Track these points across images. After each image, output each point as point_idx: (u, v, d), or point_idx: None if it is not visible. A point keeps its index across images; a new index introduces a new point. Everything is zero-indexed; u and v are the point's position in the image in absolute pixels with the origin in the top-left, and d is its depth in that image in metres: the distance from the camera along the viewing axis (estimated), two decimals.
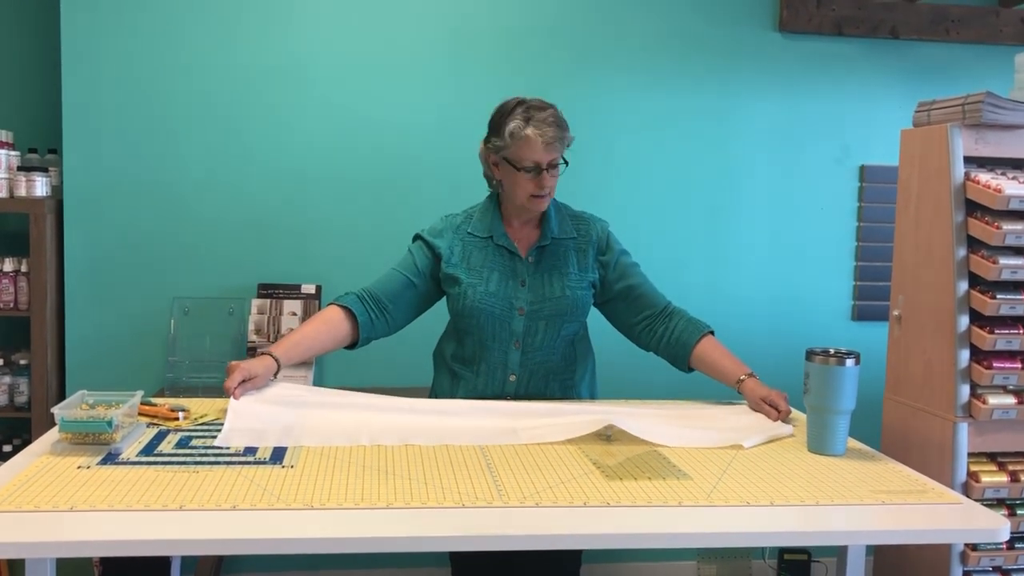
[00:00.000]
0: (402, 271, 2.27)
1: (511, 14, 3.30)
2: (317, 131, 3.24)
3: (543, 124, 2.12)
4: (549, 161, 2.15)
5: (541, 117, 2.13)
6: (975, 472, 2.22)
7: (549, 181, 2.16)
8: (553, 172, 2.17)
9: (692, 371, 2.28)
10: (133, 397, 1.80)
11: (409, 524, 1.41)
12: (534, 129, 2.12)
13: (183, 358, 3.15)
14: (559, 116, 2.16)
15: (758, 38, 3.43)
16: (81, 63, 3.11)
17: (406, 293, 2.26)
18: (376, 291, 2.24)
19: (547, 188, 2.17)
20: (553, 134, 2.12)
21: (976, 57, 3.54)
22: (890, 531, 1.56)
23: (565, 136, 2.16)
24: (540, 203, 2.20)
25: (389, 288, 2.25)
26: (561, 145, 2.15)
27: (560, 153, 2.16)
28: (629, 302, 2.31)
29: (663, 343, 2.28)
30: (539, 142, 2.12)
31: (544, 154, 2.13)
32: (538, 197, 2.18)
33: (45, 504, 1.40)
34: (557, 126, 2.13)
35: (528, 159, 2.14)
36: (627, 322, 2.33)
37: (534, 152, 2.13)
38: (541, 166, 2.14)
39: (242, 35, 3.18)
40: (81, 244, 3.15)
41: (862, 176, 3.53)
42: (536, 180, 2.15)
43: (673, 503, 1.53)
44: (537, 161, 2.14)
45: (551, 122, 2.13)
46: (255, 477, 1.56)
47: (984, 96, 2.18)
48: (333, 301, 2.22)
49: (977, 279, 2.22)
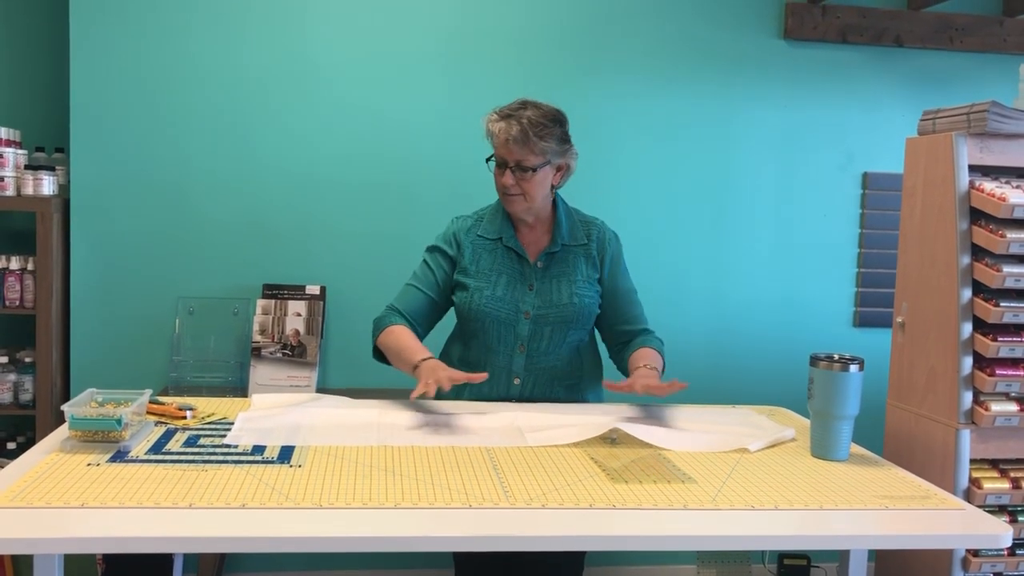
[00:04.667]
0: (426, 290, 2.28)
1: (517, 19, 3.31)
2: (323, 133, 3.25)
3: (512, 122, 2.14)
4: (516, 161, 2.15)
5: (518, 116, 2.14)
6: (977, 479, 2.23)
7: (510, 179, 2.16)
8: (522, 175, 2.15)
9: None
10: (142, 396, 1.81)
11: (417, 524, 1.42)
12: (502, 124, 2.15)
13: (187, 358, 3.16)
14: (539, 122, 2.14)
15: (763, 45, 3.44)
16: (89, 62, 3.12)
17: (432, 313, 2.30)
18: (408, 312, 2.26)
19: (510, 187, 2.17)
20: (516, 134, 2.12)
21: (980, 66, 3.56)
22: (892, 536, 1.57)
23: (535, 142, 2.12)
24: (508, 202, 2.21)
25: (416, 308, 2.27)
26: (524, 148, 2.13)
27: (528, 157, 2.14)
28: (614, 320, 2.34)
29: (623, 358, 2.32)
30: (500, 138, 2.15)
31: (505, 150, 2.15)
32: (507, 195, 2.19)
33: (56, 501, 1.41)
34: (526, 129, 2.12)
35: (496, 154, 2.18)
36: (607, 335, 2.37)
37: (497, 148, 2.17)
38: (506, 162, 2.16)
39: (249, 37, 3.19)
40: (87, 243, 3.16)
41: (865, 183, 3.54)
42: (502, 177, 2.18)
43: (678, 506, 1.54)
44: (501, 157, 2.17)
45: (522, 123, 2.12)
46: (264, 476, 1.57)
47: (989, 105, 2.20)
48: (386, 323, 2.23)
49: (981, 287, 2.23)
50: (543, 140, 2.14)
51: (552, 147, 2.16)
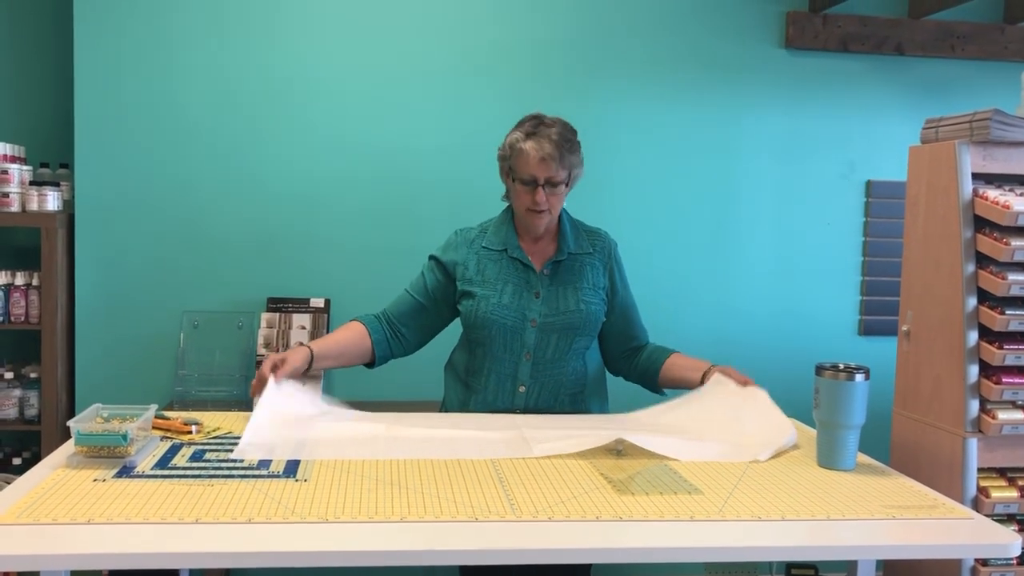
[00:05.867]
0: (414, 294, 2.31)
1: (519, 32, 3.32)
2: (326, 146, 3.26)
3: (542, 139, 2.14)
4: (547, 178, 2.15)
5: (545, 133, 2.15)
6: (985, 487, 2.22)
7: (543, 197, 2.16)
8: (552, 190, 2.17)
9: (663, 392, 2.33)
10: (147, 411, 1.81)
11: (423, 538, 1.42)
12: (532, 143, 2.14)
13: (192, 372, 3.16)
14: (566, 136, 2.16)
15: (764, 55, 3.45)
16: (93, 78, 3.14)
17: (419, 317, 2.30)
18: (391, 314, 2.30)
19: (541, 204, 2.17)
20: (550, 151, 2.12)
21: (981, 74, 3.56)
22: (900, 546, 1.56)
23: (566, 157, 2.14)
24: (536, 219, 2.21)
25: (402, 311, 2.30)
26: (559, 165, 2.14)
27: (559, 172, 2.15)
28: (622, 330, 2.36)
29: (634, 367, 2.35)
30: (535, 156, 2.14)
31: (538, 169, 2.15)
32: (534, 212, 2.19)
33: (63, 517, 1.41)
34: (558, 145, 2.13)
35: (525, 172, 2.16)
36: (612, 347, 2.37)
37: (529, 166, 2.15)
38: (537, 181, 2.16)
39: (253, 53, 3.21)
40: (92, 258, 3.17)
41: (868, 191, 3.54)
42: (531, 194, 2.17)
43: (685, 517, 1.53)
44: (533, 175, 2.16)
45: (553, 139, 2.13)
46: (269, 490, 1.57)
47: (991, 113, 2.20)
48: (355, 318, 2.27)
49: (986, 295, 2.23)
50: (572, 154, 2.17)
51: (577, 160, 2.20)
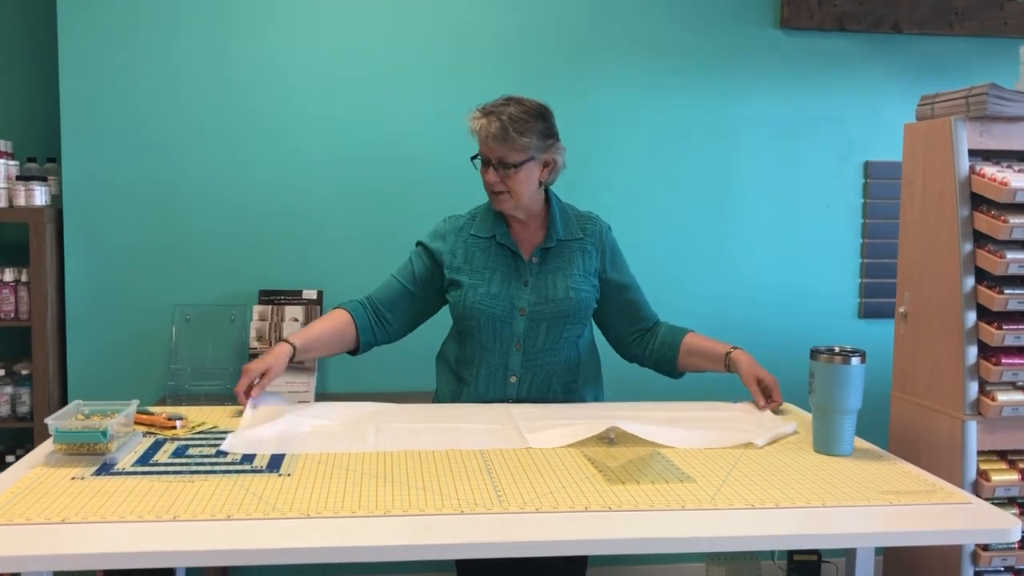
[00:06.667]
0: (400, 279, 2.27)
1: (510, 16, 3.27)
2: (315, 137, 3.22)
3: (492, 118, 2.11)
4: (497, 158, 2.12)
5: (496, 112, 2.12)
6: (985, 471, 2.19)
7: (493, 177, 2.14)
8: (504, 172, 2.13)
9: (681, 375, 2.28)
10: (129, 406, 1.77)
11: (407, 532, 1.38)
12: (484, 122, 2.13)
13: (185, 366, 3.13)
14: (519, 117, 2.11)
15: (759, 36, 3.40)
16: (79, 72, 3.10)
17: (404, 302, 2.26)
18: (376, 299, 2.26)
19: (493, 185, 2.15)
20: (495, 131, 2.09)
21: (980, 50, 3.51)
22: (898, 532, 1.52)
23: (515, 139, 2.09)
24: (495, 200, 2.18)
25: (387, 297, 2.26)
26: (504, 145, 2.10)
27: (508, 154, 2.11)
28: (627, 313, 2.31)
29: (648, 351, 2.30)
30: (481, 135, 2.13)
31: (486, 148, 2.14)
32: (493, 194, 2.17)
33: (37, 516, 1.38)
34: (506, 126, 2.09)
35: (480, 151, 2.16)
36: (620, 331, 2.33)
37: (480, 145, 2.16)
38: (489, 160, 2.14)
39: (240, 43, 3.17)
40: (81, 253, 3.14)
41: (867, 172, 3.50)
42: (486, 174, 2.16)
43: (676, 507, 1.50)
44: (483, 155, 2.15)
45: (503, 119, 2.10)
46: (251, 486, 1.54)
47: (988, 88, 2.15)
48: (338, 305, 2.23)
49: (984, 274, 2.19)
50: (523, 136, 2.10)
51: (534, 143, 2.12)
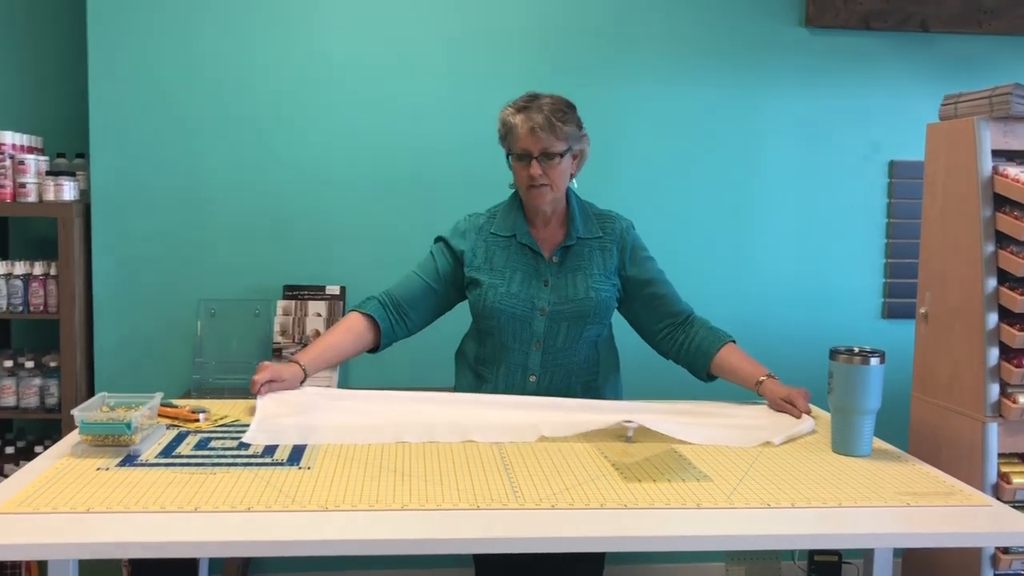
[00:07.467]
0: (422, 275, 2.28)
1: (533, 11, 3.28)
2: (340, 132, 3.25)
3: (532, 111, 2.11)
4: (541, 150, 2.12)
5: (535, 105, 2.12)
6: (1006, 473, 2.17)
7: (538, 170, 2.13)
8: (548, 163, 2.13)
9: (712, 379, 2.26)
10: (153, 399, 1.81)
11: (424, 526, 1.40)
12: (522, 116, 2.12)
13: (209, 359, 3.17)
14: (557, 107, 2.13)
15: (784, 33, 3.38)
16: (108, 68, 3.14)
17: (426, 298, 2.27)
18: (396, 295, 2.26)
19: (538, 178, 2.14)
20: (541, 121, 2.10)
21: (1009, 49, 3.47)
22: (916, 534, 1.52)
23: (559, 128, 2.11)
24: (536, 195, 2.17)
25: (409, 292, 2.26)
26: (551, 135, 2.10)
27: (554, 144, 2.12)
28: (652, 308, 2.29)
29: (683, 351, 2.27)
30: (524, 128, 2.11)
31: (530, 141, 2.12)
32: (535, 188, 2.16)
33: (63, 506, 1.41)
34: (548, 115, 2.10)
35: (518, 146, 2.14)
36: (649, 328, 2.31)
37: (520, 139, 2.13)
38: (531, 154, 2.13)
39: (263, 39, 3.20)
40: (109, 247, 3.19)
41: (891, 172, 3.48)
42: (527, 169, 2.14)
43: (692, 505, 1.50)
44: (525, 149, 2.13)
45: (544, 111, 2.11)
46: (271, 479, 1.56)
47: (1012, 88, 2.14)
48: (355, 308, 2.25)
49: (1006, 275, 2.17)
50: (566, 125, 2.13)
51: (573, 132, 2.15)
